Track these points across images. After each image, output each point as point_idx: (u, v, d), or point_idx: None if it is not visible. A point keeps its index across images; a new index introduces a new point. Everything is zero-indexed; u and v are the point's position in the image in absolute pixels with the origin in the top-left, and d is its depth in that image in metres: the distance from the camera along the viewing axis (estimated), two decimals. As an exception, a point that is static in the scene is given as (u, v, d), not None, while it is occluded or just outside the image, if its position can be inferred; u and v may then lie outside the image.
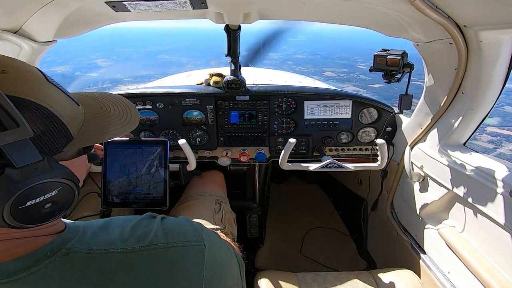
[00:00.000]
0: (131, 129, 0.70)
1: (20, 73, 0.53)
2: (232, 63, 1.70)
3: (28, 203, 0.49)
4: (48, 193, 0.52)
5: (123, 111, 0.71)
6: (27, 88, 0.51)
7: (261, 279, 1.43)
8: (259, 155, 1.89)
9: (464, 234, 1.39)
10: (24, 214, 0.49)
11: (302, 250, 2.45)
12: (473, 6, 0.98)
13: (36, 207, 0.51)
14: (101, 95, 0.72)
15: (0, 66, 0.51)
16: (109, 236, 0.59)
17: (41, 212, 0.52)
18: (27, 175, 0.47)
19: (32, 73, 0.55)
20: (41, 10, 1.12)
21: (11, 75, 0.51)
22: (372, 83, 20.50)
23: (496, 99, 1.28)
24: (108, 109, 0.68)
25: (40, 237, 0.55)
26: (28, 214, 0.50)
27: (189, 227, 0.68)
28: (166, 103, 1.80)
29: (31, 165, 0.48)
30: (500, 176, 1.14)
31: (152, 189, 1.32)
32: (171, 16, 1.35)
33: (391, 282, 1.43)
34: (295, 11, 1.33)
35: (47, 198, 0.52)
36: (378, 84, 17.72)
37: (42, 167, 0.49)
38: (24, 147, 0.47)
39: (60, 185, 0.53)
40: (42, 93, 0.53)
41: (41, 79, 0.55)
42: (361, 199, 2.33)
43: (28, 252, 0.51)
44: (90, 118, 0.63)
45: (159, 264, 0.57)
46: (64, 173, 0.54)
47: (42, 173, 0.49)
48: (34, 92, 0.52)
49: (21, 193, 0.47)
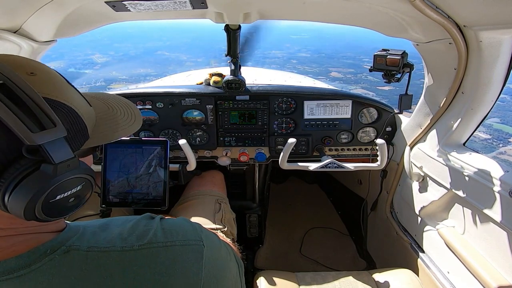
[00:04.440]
0: (137, 129, 0.73)
1: (47, 75, 0.56)
2: (232, 63, 1.70)
3: (58, 197, 0.53)
4: (74, 187, 0.55)
5: (128, 112, 0.73)
6: (55, 90, 0.55)
7: (261, 279, 1.43)
8: (259, 155, 1.89)
9: (463, 234, 1.40)
10: (52, 208, 0.52)
11: (301, 250, 2.45)
12: (473, 6, 0.98)
13: (63, 201, 0.54)
14: (106, 96, 0.75)
15: (29, 69, 0.53)
16: (109, 235, 0.60)
17: (65, 206, 0.56)
18: (61, 171, 0.51)
19: (56, 75, 0.58)
20: (40, 10, 1.12)
21: (40, 78, 0.53)
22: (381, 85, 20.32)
23: (496, 99, 1.28)
24: (115, 110, 0.71)
25: (41, 234, 0.56)
26: (55, 208, 0.53)
27: (188, 227, 0.69)
28: (166, 103, 1.80)
29: (65, 161, 0.51)
30: (499, 176, 1.15)
31: (151, 189, 1.32)
32: (171, 16, 1.35)
33: (390, 282, 1.43)
34: (295, 11, 1.33)
35: (73, 193, 0.55)
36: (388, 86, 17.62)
37: (73, 164, 0.53)
38: (61, 145, 0.50)
39: (84, 180, 0.57)
40: (67, 95, 0.57)
41: (63, 82, 0.59)
42: (361, 199, 2.33)
43: (29, 250, 0.51)
44: (101, 119, 0.65)
45: (158, 262, 0.58)
46: (86, 169, 0.57)
47: (72, 169, 0.53)
48: (62, 94, 0.55)
49: (54, 187, 0.51)
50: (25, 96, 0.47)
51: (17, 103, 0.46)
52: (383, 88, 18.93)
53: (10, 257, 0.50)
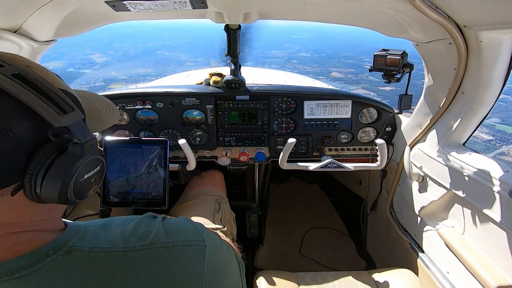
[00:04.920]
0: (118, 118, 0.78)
1: (40, 68, 0.57)
2: (232, 63, 1.70)
3: (85, 175, 0.56)
4: (96, 167, 0.59)
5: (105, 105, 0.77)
6: (55, 80, 0.57)
7: (261, 279, 1.43)
8: (259, 155, 1.89)
9: (463, 234, 1.40)
10: (80, 188, 0.55)
11: (301, 250, 2.45)
12: (473, 6, 0.98)
13: (88, 181, 0.57)
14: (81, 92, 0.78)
15: (24, 62, 0.55)
16: (110, 235, 0.59)
17: (88, 187, 0.59)
18: (87, 150, 0.54)
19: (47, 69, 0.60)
20: (40, 10, 1.12)
21: (36, 70, 0.55)
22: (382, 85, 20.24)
23: (496, 99, 1.28)
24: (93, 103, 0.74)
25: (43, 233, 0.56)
26: (82, 189, 0.56)
27: (190, 227, 0.69)
28: (166, 102, 1.80)
29: (89, 141, 0.54)
30: (499, 176, 1.15)
31: (151, 189, 1.32)
32: (171, 16, 1.35)
33: (390, 281, 1.43)
34: (295, 11, 1.33)
35: (95, 172, 0.58)
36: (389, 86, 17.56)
37: (94, 144, 0.56)
38: (83, 126, 0.54)
39: (101, 161, 0.60)
40: (65, 85, 0.59)
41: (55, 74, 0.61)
42: (361, 199, 2.33)
43: (31, 250, 0.51)
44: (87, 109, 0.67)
45: (160, 263, 0.58)
46: (100, 150, 0.60)
47: (94, 149, 0.56)
48: (61, 84, 0.57)
49: (83, 166, 0.54)
50: (40, 84, 0.49)
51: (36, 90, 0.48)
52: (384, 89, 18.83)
53: (13, 258, 0.50)
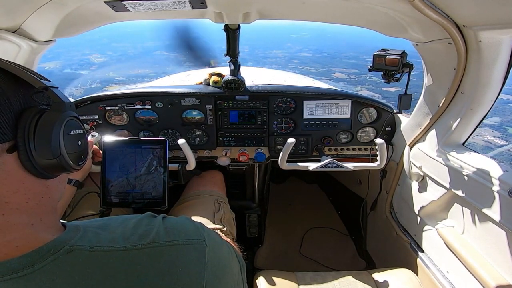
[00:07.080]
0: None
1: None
2: (231, 63, 1.70)
3: (72, 131, 0.61)
4: (79, 129, 0.64)
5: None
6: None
7: (261, 279, 1.43)
8: (259, 155, 1.89)
9: (462, 234, 1.40)
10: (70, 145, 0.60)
11: (301, 250, 2.45)
12: (473, 6, 0.98)
13: (75, 138, 0.63)
14: None
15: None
16: (111, 234, 0.59)
17: (77, 149, 0.63)
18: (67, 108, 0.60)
19: None
20: (40, 10, 1.12)
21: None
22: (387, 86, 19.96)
23: (495, 99, 1.28)
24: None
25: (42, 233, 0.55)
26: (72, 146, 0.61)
27: (190, 226, 0.69)
28: (165, 102, 1.80)
29: (68, 102, 0.60)
30: (499, 176, 1.15)
31: (151, 189, 1.32)
32: (170, 16, 1.35)
33: (390, 281, 1.43)
34: (294, 11, 1.33)
35: (79, 134, 0.64)
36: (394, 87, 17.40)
37: (72, 106, 0.62)
38: (59, 91, 0.60)
39: (82, 129, 0.66)
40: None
41: None
42: (360, 199, 2.33)
43: (31, 250, 0.51)
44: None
45: (161, 261, 0.58)
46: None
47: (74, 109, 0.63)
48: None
49: (68, 120, 0.59)
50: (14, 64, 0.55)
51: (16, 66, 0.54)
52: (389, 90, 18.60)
53: (13, 257, 0.50)
